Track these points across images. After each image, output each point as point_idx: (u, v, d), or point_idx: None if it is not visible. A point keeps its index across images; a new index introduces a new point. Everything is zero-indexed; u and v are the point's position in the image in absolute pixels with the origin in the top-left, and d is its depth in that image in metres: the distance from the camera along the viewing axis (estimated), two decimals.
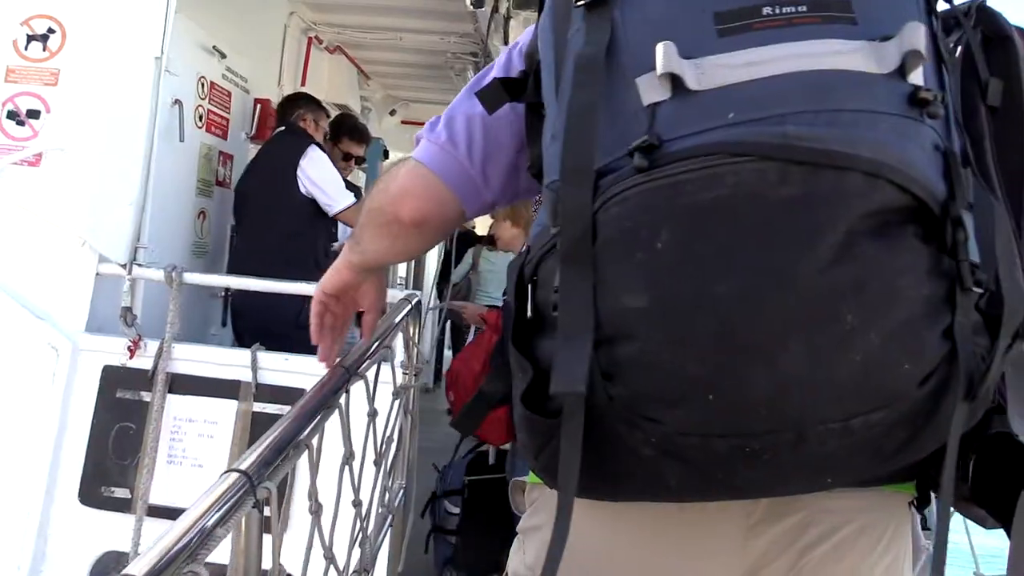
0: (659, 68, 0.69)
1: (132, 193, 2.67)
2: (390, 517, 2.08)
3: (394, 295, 2.12)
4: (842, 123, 0.66)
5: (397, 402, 1.83)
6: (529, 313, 0.77)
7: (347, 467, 1.37)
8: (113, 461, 2.53)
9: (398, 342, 1.95)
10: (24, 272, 2.60)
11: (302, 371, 2.57)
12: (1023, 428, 0.71)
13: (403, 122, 6.46)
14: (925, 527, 1.00)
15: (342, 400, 1.23)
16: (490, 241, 5.02)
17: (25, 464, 2.50)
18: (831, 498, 0.87)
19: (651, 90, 0.70)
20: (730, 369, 0.67)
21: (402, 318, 1.84)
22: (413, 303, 1.94)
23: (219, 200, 3.55)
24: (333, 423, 1.20)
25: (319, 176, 3.42)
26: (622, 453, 0.73)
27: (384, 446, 1.70)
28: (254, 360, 2.57)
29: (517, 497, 1.08)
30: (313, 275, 3.34)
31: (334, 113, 4.24)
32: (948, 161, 0.68)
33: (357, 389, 1.32)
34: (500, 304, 3.42)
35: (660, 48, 0.69)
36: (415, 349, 2.02)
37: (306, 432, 1.05)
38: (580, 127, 0.71)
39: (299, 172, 3.37)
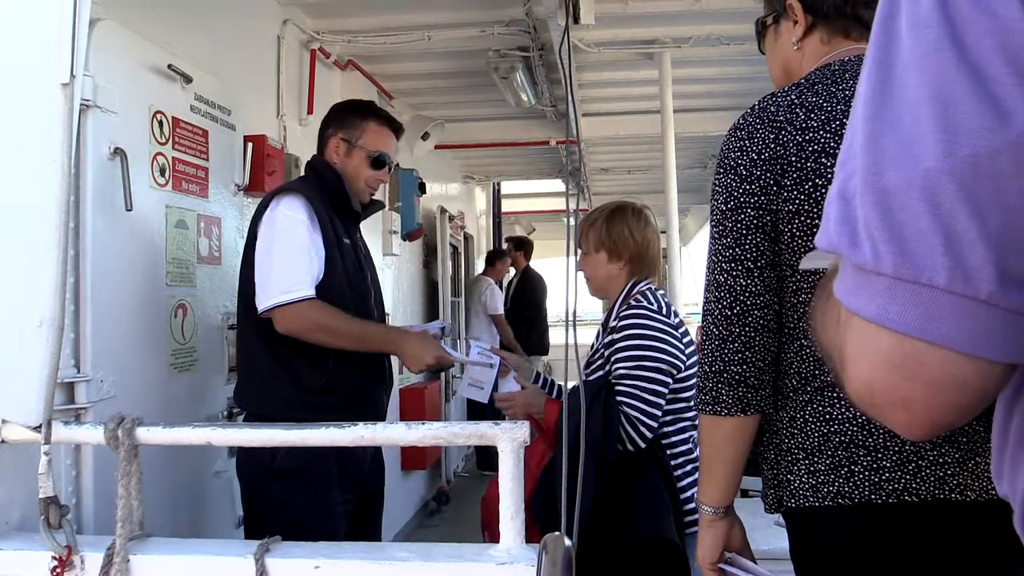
0: None
1: (42, 306, 1.63)
2: None
3: None
4: None
5: None
6: None
7: None
8: None
9: None
10: None
11: None
12: None
13: (438, 147, 5.37)
14: None
15: None
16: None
17: None
18: None
19: None
20: None
21: None
22: None
23: (207, 283, 2.50)
24: None
25: (263, 241, 2.10)
26: None
27: None
28: (262, 572, 1.50)
29: None
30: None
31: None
32: None
33: None
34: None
35: None
36: None
37: None
38: None
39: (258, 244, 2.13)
